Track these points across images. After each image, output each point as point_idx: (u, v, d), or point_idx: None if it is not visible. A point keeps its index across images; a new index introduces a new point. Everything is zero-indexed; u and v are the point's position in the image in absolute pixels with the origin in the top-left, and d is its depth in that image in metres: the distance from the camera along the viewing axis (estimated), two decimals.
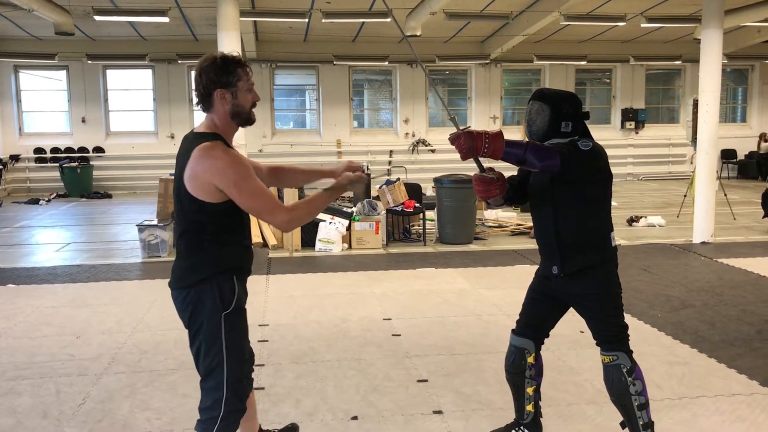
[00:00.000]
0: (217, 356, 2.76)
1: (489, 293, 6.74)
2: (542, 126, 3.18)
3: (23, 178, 17.14)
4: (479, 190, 3.12)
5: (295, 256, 8.92)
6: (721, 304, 6.30)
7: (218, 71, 2.69)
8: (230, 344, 2.77)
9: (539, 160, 2.93)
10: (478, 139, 2.87)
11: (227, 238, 2.77)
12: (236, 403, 2.82)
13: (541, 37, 17.02)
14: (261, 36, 16.55)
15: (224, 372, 2.76)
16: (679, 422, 3.80)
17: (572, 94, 3.31)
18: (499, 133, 2.90)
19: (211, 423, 2.79)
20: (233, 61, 2.73)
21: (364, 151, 17.88)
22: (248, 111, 2.81)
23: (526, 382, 3.46)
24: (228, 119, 2.77)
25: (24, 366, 4.82)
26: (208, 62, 2.71)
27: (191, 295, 2.76)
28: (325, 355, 5.01)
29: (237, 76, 2.72)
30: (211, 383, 2.79)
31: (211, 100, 2.73)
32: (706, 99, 9.44)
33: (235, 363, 2.81)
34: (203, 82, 2.71)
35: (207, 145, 2.66)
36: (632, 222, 11.02)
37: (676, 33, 17.36)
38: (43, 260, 8.81)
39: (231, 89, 2.72)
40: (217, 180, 2.62)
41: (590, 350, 4.51)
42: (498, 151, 2.88)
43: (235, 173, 2.63)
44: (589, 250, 3.15)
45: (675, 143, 19.27)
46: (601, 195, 3.19)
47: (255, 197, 2.68)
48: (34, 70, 17.50)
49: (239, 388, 2.84)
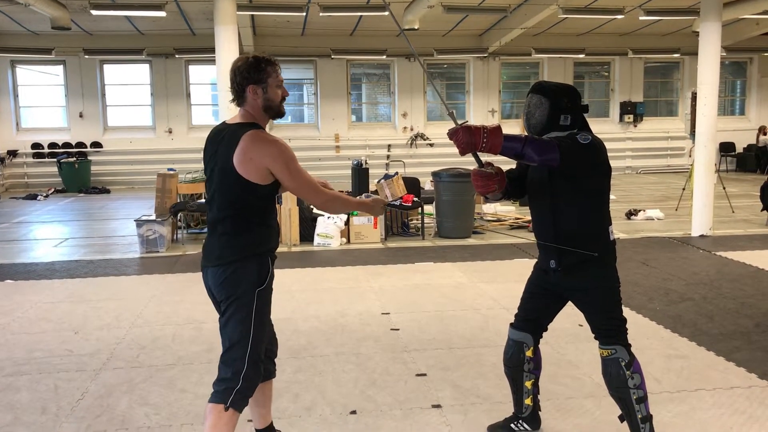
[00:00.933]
0: (245, 329, 2.92)
1: (487, 287, 6.74)
2: (541, 119, 3.17)
3: (21, 173, 17.10)
4: (478, 186, 3.12)
5: (294, 250, 8.91)
6: (720, 297, 6.30)
7: (250, 69, 2.97)
8: (258, 320, 2.96)
9: (538, 155, 2.92)
10: (477, 134, 2.86)
11: (268, 220, 3.04)
12: (254, 378, 2.96)
13: (540, 30, 16.97)
14: (258, 30, 16.49)
15: (249, 345, 2.93)
16: (677, 415, 3.81)
17: (571, 86, 3.30)
18: (497, 128, 2.89)
19: (227, 393, 2.90)
20: (264, 60, 3.02)
21: (363, 146, 17.84)
22: (278, 104, 3.06)
23: (525, 376, 3.47)
24: (261, 112, 3.03)
25: (22, 362, 4.82)
26: (242, 62, 3.01)
27: (230, 271, 2.94)
28: (324, 349, 5.01)
29: (267, 73, 2.99)
30: (234, 354, 2.93)
31: (245, 96, 3.00)
32: (704, 92, 9.43)
33: (260, 339, 2.98)
34: (237, 79, 2.99)
35: (257, 132, 2.94)
36: (631, 215, 11.02)
37: (675, 26, 17.32)
38: (41, 256, 8.80)
39: (262, 85, 2.99)
40: (271, 162, 2.90)
41: (589, 344, 4.52)
42: (496, 145, 2.88)
43: (287, 156, 2.95)
44: (589, 242, 3.14)
45: (673, 136, 19.25)
46: (600, 188, 3.19)
47: (303, 177, 3.02)
48: (30, 65, 17.44)
49: (259, 365, 2.99)
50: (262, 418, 3.36)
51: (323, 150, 17.88)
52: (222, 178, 2.95)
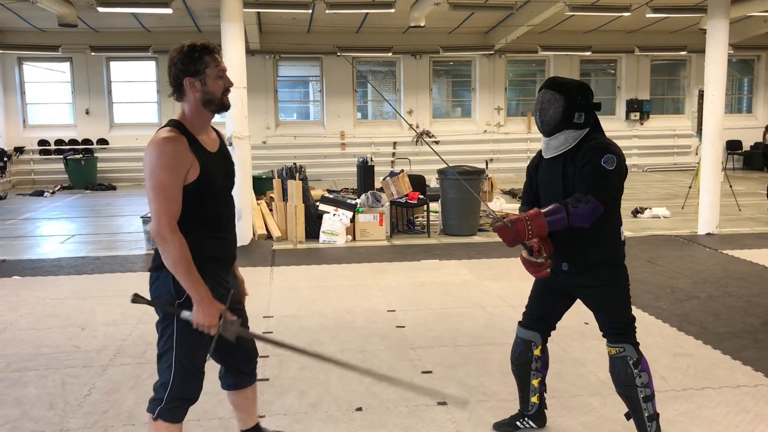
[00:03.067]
0: (168, 343, 2.76)
1: (493, 285, 6.73)
2: (555, 116, 3.13)
3: (28, 170, 17.15)
4: (530, 272, 3.19)
5: (299, 247, 8.92)
6: (727, 295, 6.28)
7: (185, 60, 2.69)
8: (181, 334, 2.74)
9: (588, 219, 2.97)
10: (520, 224, 2.93)
11: (194, 227, 2.70)
12: (183, 391, 2.81)
13: (546, 27, 16.92)
14: (264, 27, 16.49)
15: (172, 359, 2.76)
16: (683, 413, 3.80)
17: (585, 83, 3.26)
18: (537, 212, 2.95)
19: (156, 404, 2.81)
20: (200, 48, 2.71)
21: (368, 143, 17.85)
22: (220, 97, 2.76)
23: (532, 374, 3.47)
24: (199, 107, 2.74)
25: (30, 357, 4.84)
26: (176, 52, 2.72)
27: (152, 280, 2.81)
28: (330, 346, 5.02)
29: (204, 63, 2.70)
30: (161, 366, 2.80)
31: (183, 89, 2.73)
32: (711, 90, 9.39)
33: (186, 352, 2.77)
34: (173, 72, 2.71)
35: (158, 132, 2.67)
36: (637, 213, 10.99)
37: (682, 23, 17.25)
38: (48, 252, 8.83)
39: (199, 77, 2.70)
40: (144, 167, 2.61)
41: (594, 342, 4.51)
42: (542, 228, 2.94)
43: (157, 159, 2.58)
44: (601, 245, 3.14)
45: (680, 134, 19.19)
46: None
47: (154, 190, 2.58)
48: (37, 62, 17.48)
49: (188, 377, 2.80)
50: (242, 421, 3.29)
51: (329, 147, 17.88)
52: None
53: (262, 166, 14.52)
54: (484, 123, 18.76)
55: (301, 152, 17.18)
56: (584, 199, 2.95)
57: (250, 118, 9.94)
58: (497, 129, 18.77)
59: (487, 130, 18.72)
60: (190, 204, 2.67)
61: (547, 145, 3.22)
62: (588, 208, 2.95)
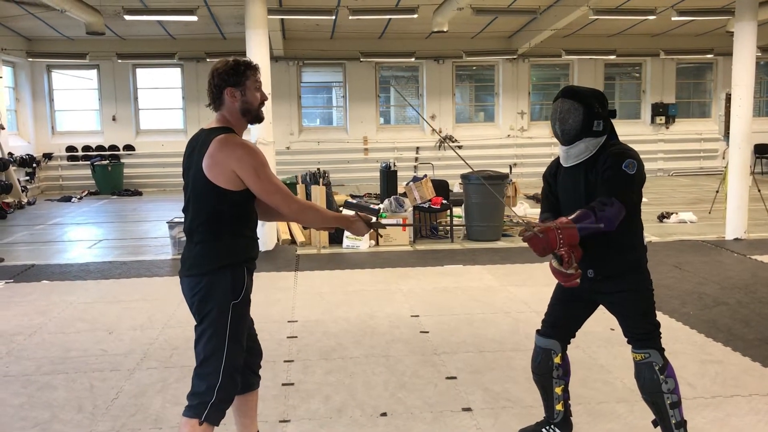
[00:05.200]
0: (219, 343, 2.85)
1: (517, 290, 6.70)
2: (575, 125, 3.14)
3: (56, 176, 17.42)
4: (561, 282, 3.15)
5: (323, 252, 8.95)
6: (756, 301, 6.19)
7: (230, 71, 2.91)
8: (233, 333, 2.88)
9: (614, 223, 2.97)
10: (551, 233, 2.92)
11: (242, 229, 2.92)
12: (229, 391, 2.90)
13: (570, 31, 16.83)
14: (288, 34, 16.60)
15: (223, 359, 2.85)
16: (712, 421, 3.75)
17: (600, 91, 3.29)
18: (567, 221, 2.95)
19: (202, 408, 2.84)
20: (243, 63, 2.96)
21: (391, 148, 17.87)
22: (257, 108, 2.99)
23: (554, 382, 3.44)
24: (238, 115, 2.95)
25: (59, 361, 4.92)
26: (221, 64, 2.95)
27: (203, 283, 2.86)
28: (354, 351, 5.03)
29: (246, 76, 2.93)
30: (208, 369, 2.86)
31: (222, 98, 2.93)
32: (739, 93, 9.27)
33: (235, 352, 2.90)
34: (215, 81, 2.93)
35: (225, 136, 2.85)
36: (663, 218, 10.87)
37: (708, 26, 17.04)
38: (75, 257, 8.96)
39: (240, 87, 2.92)
40: (237, 165, 2.79)
41: (621, 348, 4.46)
42: (573, 236, 2.93)
43: (255, 159, 2.83)
44: (626, 251, 3.13)
45: (706, 138, 18.95)
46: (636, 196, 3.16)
47: (272, 183, 2.88)
48: (65, 70, 17.77)
49: (234, 378, 2.91)
50: (245, 428, 3.28)
51: (352, 152, 17.94)
52: (194, 184, 2.87)
53: (286, 171, 14.59)
54: (507, 127, 18.68)
55: (325, 158, 17.26)
56: (609, 202, 2.97)
57: (274, 124, 10.01)
58: (521, 133, 18.68)
59: (511, 134, 18.65)
60: (239, 207, 2.89)
61: (567, 153, 3.22)
62: (614, 210, 2.96)
